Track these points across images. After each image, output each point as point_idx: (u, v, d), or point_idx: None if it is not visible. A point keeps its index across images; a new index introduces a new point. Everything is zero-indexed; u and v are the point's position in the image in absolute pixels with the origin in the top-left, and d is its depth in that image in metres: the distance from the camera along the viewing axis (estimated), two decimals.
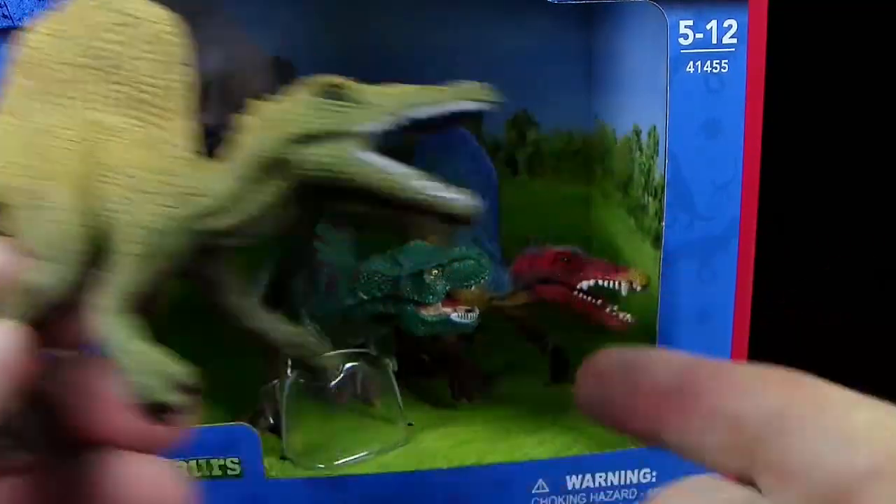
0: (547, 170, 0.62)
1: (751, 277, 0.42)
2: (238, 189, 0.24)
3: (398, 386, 0.47)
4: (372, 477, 0.43)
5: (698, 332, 0.42)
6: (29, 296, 0.23)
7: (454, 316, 0.42)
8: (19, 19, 0.36)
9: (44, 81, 0.27)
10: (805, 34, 0.61)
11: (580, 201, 0.61)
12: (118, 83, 0.26)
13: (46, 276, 0.23)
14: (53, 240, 0.23)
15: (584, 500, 0.44)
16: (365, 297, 0.42)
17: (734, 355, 0.43)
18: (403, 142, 0.25)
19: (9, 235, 0.26)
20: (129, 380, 0.22)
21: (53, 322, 0.24)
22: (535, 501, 0.44)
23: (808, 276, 0.71)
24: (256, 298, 0.27)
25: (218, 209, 0.24)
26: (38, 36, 0.27)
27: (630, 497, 0.44)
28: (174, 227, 0.23)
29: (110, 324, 0.22)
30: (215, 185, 0.24)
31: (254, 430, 0.42)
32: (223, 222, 0.24)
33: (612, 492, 0.44)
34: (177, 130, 0.25)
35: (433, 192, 0.23)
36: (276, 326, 0.27)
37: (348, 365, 0.46)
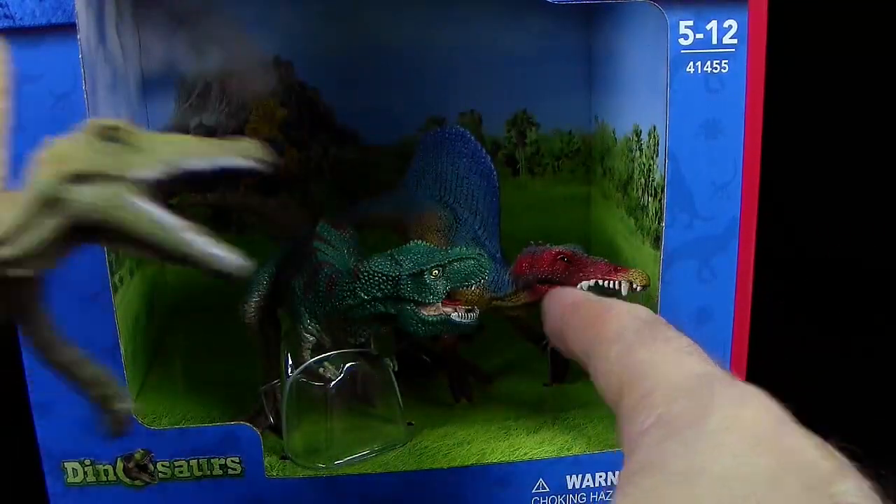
0: (547, 170, 0.62)
1: (751, 277, 0.42)
2: (23, 223, 0.24)
3: (398, 386, 0.47)
4: (372, 477, 0.43)
5: (698, 332, 0.42)
6: None
7: (454, 316, 0.42)
8: (20, 19, 0.36)
9: None
10: (805, 34, 0.61)
11: (580, 201, 0.61)
12: None
13: None
14: None
15: (584, 500, 0.44)
16: (365, 297, 0.41)
17: (734, 355, 0.43)
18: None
19: None
20: None
21: None
22: (535, 501, 0.44)
23: (808, 276, 0.71)
24: (60, 335, 0.27)
25: (4, 240, 0.24)
26: None
27: None
28: None
29: None
30: (3, 217, 0.24)
31: (254, 429, 0.42)
32: (7, 252, 0.24)
33: (612, 491, 0.44)
34: None
35: (203, 249, 0.24)
36: (79, 364, 0.27)
37: (348, 365, 0.46)
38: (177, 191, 0.24)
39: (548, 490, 0.44)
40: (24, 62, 0.36)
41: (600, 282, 0.46)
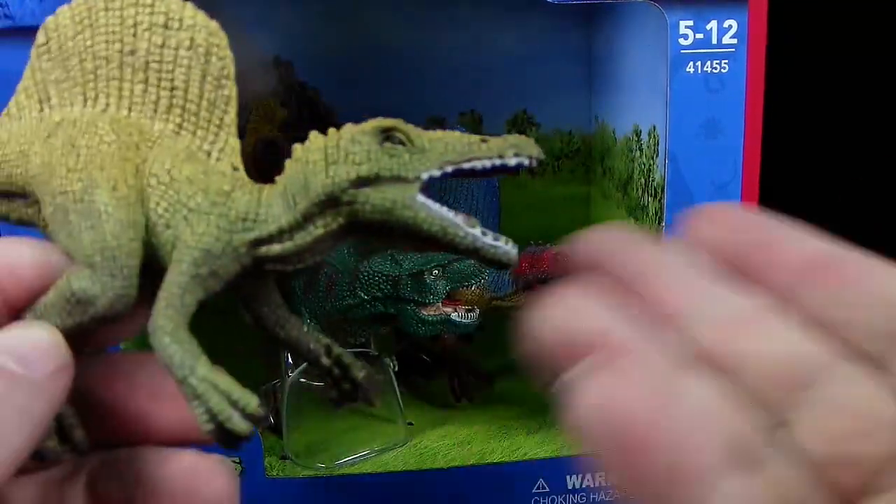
0: (547, 170, 0.62)
1: None
2: (293, 221, 0.24)
3: (398, 386, 0.47)
4: (372, 477, 0.43)
5: None
6: (77, 304, 0.23)
7: (454, 316, 0.42)
8: (20, 19, 0.36)
9: (66, 67, 0.26)
10: (805, 34, 0.61)
11: (580, 201, 0.61)
12: (157, 86, 0.25)
13: (100, 286, 0.23)
14: (107, 249, 0.23)
15: (584, 500, 0.44)
16: (365, 297, 0.42)
17: None
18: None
19: (30, 222, 0.26)
20: (200, 406, 0.22)
21: (93, 329, 0.23)
22: (535, 501, 0.44)
23: None
24: (286, 310, 0.27)
25: (272, 238, 0.24)
26: (63, 20, 0.26)
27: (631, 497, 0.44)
28: (229, 250, 0.24)
29: (173, 347, 0.22)
30: (272, 214, 0.24)
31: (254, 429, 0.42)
32: (275, 250, 0.24)
33: (612, 491, 0.44)
34: (223, 147, 0.25)
35: (480, 240, 0.24)
36: (304, 338, 0.27)
37: None
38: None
39: (548, 490, 0.44)
40: (24, 62, 0.36)
41: None
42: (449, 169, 0.24)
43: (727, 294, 0.19)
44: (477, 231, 0.24)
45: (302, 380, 0.44)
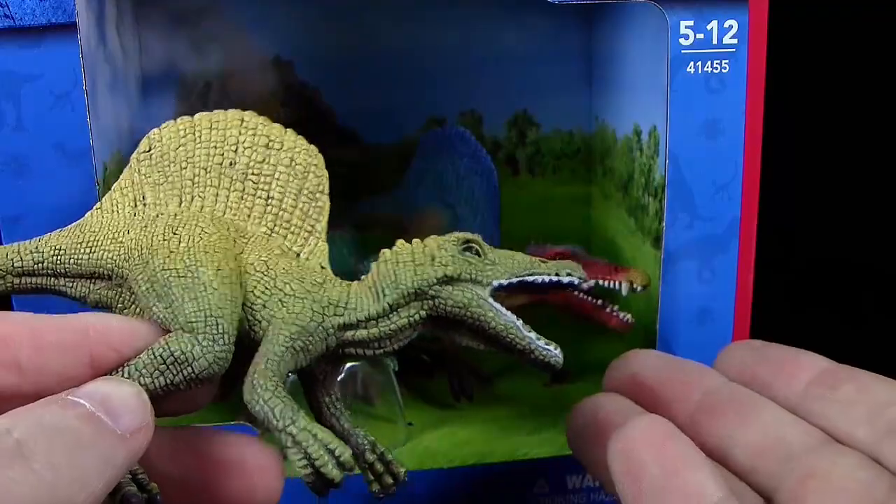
0: (547, 170, 0.62)
1: (751, 277, 0.42)
2: (381, 310, 0.28)
3: (398, 386, 0.47)
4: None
5: (698, 332, 0.42)
6: (177, 365, 0.25)
7: None
8: (20, 19, 0.36)
9: (166, 174, 0.29)
10: (805, 34, 0.61)
11: (580, 201, 0.61)
12: (253, 195, 0.29)
13: (199, 348, 0.25)
14: (208, 316, 0.26)
15: (584, 500, 0.44)
16: None
17: None
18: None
19: (114, 305, 0.29)
20: (298, 453, 0.25)
21: (181, 390, 0.26)
22: (535, 501, 0.44)
23: (808, 276, 0.71)
24: (342, 403, 0.31)
25: (360, 325, 0.28)
26: (168, 133, 0.30)
27: None
28: (321, 332, 0.27)
29: (274, 401, 0.25)
30: (362, 304, 0.28)
31: (254, 429, 0.42)
32: (359, 335, 0.28)
33: None
34: (313, 249, 0.30)
35: (534, 343, 0.28)
36: (351, 431, 0.31)
37: (348, 365, 0.46)
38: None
39: (548, 490, 0.44)
40: (24, 62, 0.36)
41: (601, 282, 0.46)
42: (515, 280, 0.29)
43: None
44: (533, 335, 0.28)
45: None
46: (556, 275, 0.29)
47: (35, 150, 0.37)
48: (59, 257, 0.29)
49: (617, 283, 0.45)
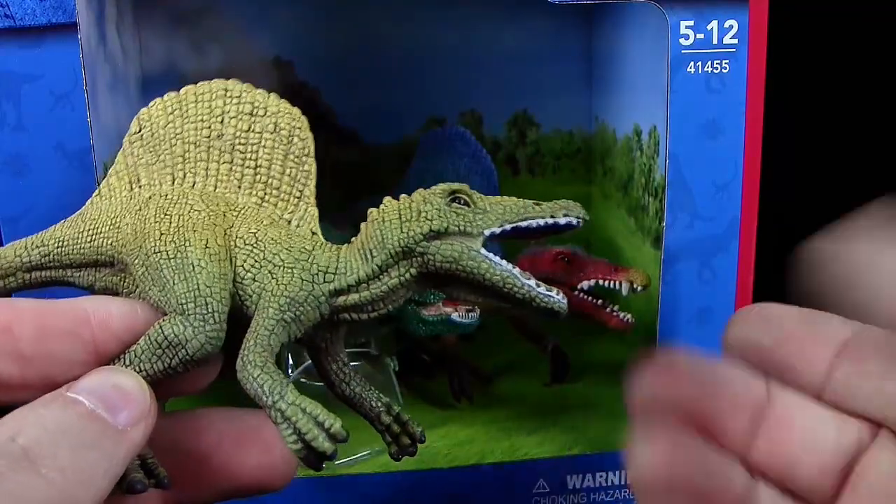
0: (547, 170, 0.62)
1: (751, 277, 0.42)
2: (371, 272, 0.27)
3: (398, 386, 0.47)
4: (372, 477, 0.43)
5: (698, 332, 0.42)
6: (172, 349, 0.25)
7: (454, 316, 0.42)
8: (21, 19, 0.36)
9: (157, 153, 0.29)
10: (805, 34, 0.61)
11: (580, 201, 0.61)
12: (243, 166, 0.29)
13: (192, 330, 0.25)
14: (199, 297, 0.26)
15: (584, 500, 0.44)
16: None
17: None
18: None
19: (122, 292, 0.28)
20: (288, 427, 0.24)
21: (180, 374, 0.26)
22: (535, 501, 0.44)
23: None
24: (351, 368, 0.30)
25: (350, 288, 0.27)
26: (154, 111, 0.30)
27: (630, 497, 0.44)
28: (311, 300, 0.27)
29: (263, 377, 0.25)
30: (351, 268, 0.27)
31: None
32: (352, 300, 0.27)
33: (612, 491, 0.44)
34: (303, 215, 0.29)
35: (534, 290, 0.27)
36: (365, 396, 0.30)
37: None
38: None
39: (548, 490, 0.44)
40: (24, 62, 0.36)
41: (601, 282, 0.46)
42: (508, 227, 0.27)
43: None
44: (532, 282, 0.27)
45: (303, 380, 0.44)
46: (552, 216, 0.27)
47: (35, 150, 0.37)
48: (63, 248, 0.29)
49: (617, 283, 0.45)
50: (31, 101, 0.36)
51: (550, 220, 0.27)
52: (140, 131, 0.30)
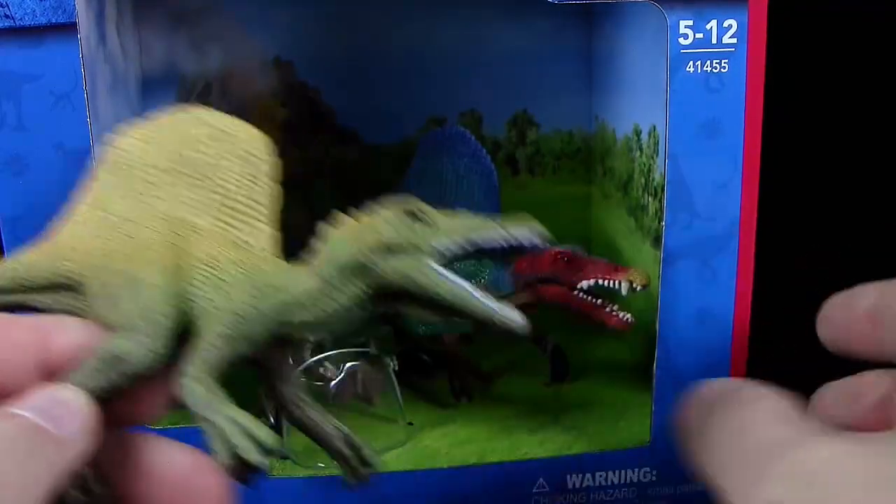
0: (547, 170, 0.62)
1: (751, 277, 0.42)
2: (319, 289, 0.27)
3: (398, 386, 0.47)
4: (372, 476, 0.43)
5: (698, 332, 0.42)
6: (115, 363, 0.25)
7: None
8: (20, 19, 0.36)
9: (129, 180, 0.29)
10: (805, 34, 0.61)
11: (580, 201, 0.61)
12: (207, 190, 0.29)
13: (135, 344, 0.25)
14: (145, 313, 0.26)
15: (584, 500, 0.44)
16: None
17: (734, 355, 0.43)
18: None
19: (80, 315, 0.28)
20: (218, 439, 0.24)
21: (121, 397, 0.25)
22: (535, 501, 0.44)
23: (808, 276, 0.71)
24: (303, 392, 0.30)
25: (299, 305, 0.27)
26: (129, 140, 0.30)
27: (630, 496, 0.44)
28: (257, 316, 0.26)
29: (198, 389, 0.25)
30: (298, 283, 0.27)
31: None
32: (301, 317, 0.27)
33: (612, 491, 0.44)
34: (261, 236, 0.29)
35: (491, 309, 0.26)
36: (319, 420, 0.30)
37: (348, 365, 0.46)
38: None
39: (548, 490, 0.44)
40: (24, 62, 0.36)
41: (600, 281, 0.46)
42: (463, 242, 0.26)
43: None
44: (490, 301, 0.26)
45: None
46: (512, 234, 0.26)
47: (35, 150, 0.37)
48: (30, 272, 0.29)
49: (617, 282, 0.45)
50: (31, 101, 0.36)
51: (509, 238, 0.27)
52: (110, 156, 0.30)
